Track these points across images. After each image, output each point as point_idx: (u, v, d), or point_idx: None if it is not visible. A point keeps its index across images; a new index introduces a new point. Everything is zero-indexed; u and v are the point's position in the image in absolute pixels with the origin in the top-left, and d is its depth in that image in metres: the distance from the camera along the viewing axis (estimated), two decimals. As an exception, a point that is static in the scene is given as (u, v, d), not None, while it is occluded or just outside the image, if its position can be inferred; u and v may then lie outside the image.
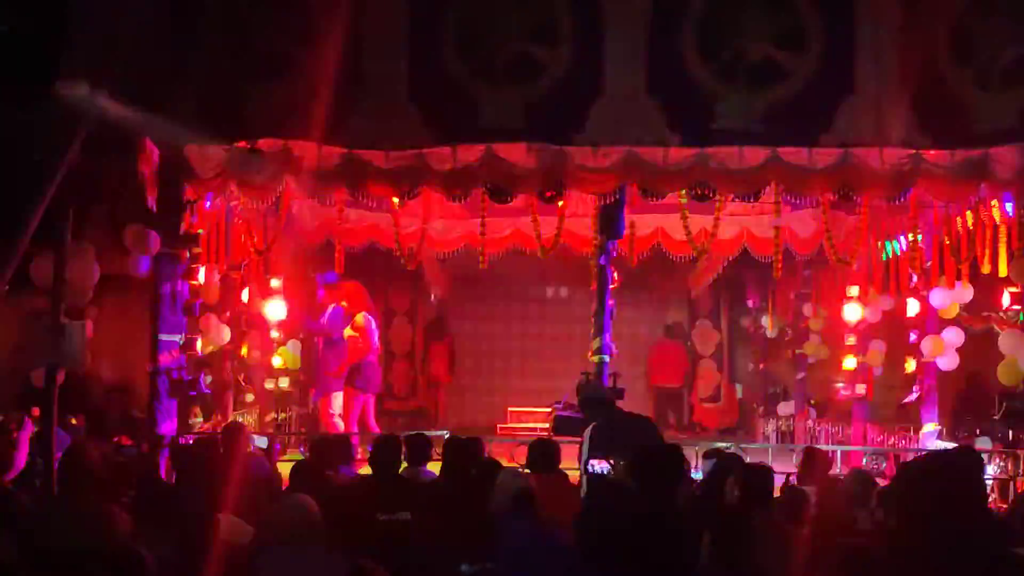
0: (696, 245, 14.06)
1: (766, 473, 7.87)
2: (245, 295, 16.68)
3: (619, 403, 11.60)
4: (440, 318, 23.67)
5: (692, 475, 10.00)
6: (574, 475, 9.87)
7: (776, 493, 8.47)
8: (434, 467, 9.97)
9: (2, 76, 10.47)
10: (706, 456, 9.98)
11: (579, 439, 12.68)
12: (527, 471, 9.38)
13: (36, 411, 11.34)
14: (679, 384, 23.11)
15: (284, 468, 11.47)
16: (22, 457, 10.73)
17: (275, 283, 17.45)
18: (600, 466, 11.55)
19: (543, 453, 9.66)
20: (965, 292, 14.68)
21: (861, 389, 17.52)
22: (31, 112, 10.24)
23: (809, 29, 11.69)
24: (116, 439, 13.26)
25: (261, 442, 14.56)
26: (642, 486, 7.28)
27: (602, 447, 9.82)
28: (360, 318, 17.80)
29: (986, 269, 13.14)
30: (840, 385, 18.14)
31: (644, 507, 6.87)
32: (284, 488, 9.17)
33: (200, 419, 15.13)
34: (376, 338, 17.95)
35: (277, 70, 11.79)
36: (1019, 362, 13.62)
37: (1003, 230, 12.92)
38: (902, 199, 12.83)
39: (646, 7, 11.74)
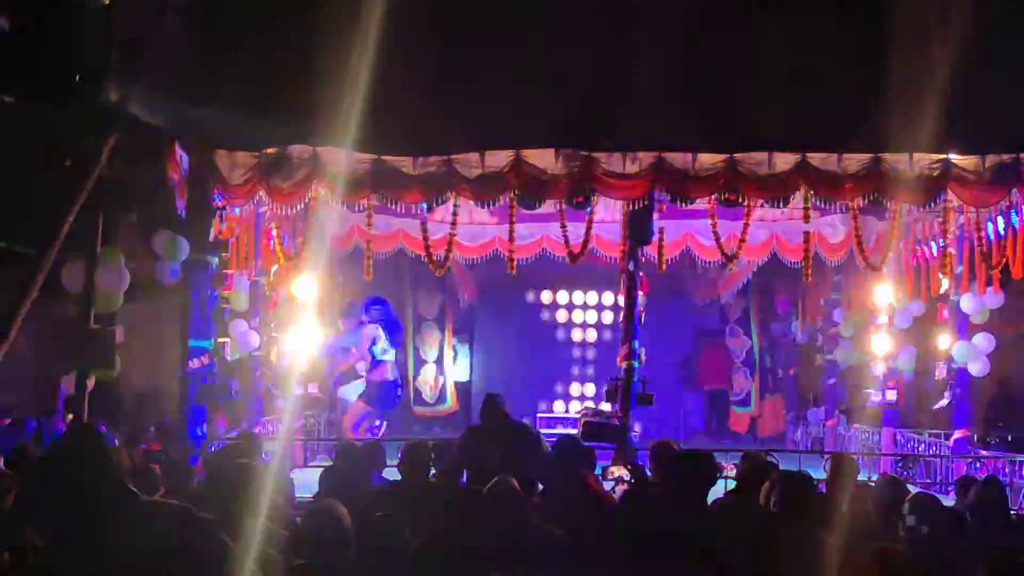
0: (725, 251, 14.01)
1: (805, 481, 7.80)
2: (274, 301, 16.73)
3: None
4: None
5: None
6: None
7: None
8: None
9: (31, 81, 10.49)
10: (742, 461, 9.93)
11: (607, 445, 12.77)
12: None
13: (70, 417, 11.40)
14: (723, 386, 23.10)
15: (312, 474, 11.47)
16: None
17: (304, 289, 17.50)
18: (620, 472, 11.58)
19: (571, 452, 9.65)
20: (996, 297, 14.60)
21: (892, 395, 17.41)
22: (62, 118, 10.29)
23: (838, 35, 11.64)
24: (145, 445, 13.30)
25: (271, 448, 14.60)
26: (673, 491, 7.27)
27: (464, 450, 10.27)
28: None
29: (1017, 274, 13.05)
30: (870, 391, 18.03)
31: (675, 511, 6.86)
32: (315, 495, 9.15)
33: (227, 425, 15.18)
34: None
35: (306, 76, 11.82)
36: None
37: (1034, 235, 12.87)
38: (932, 204, 12.80)
39: (676, 12, 11.70)
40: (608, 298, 22.86)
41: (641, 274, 14.17)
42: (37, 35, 9.64)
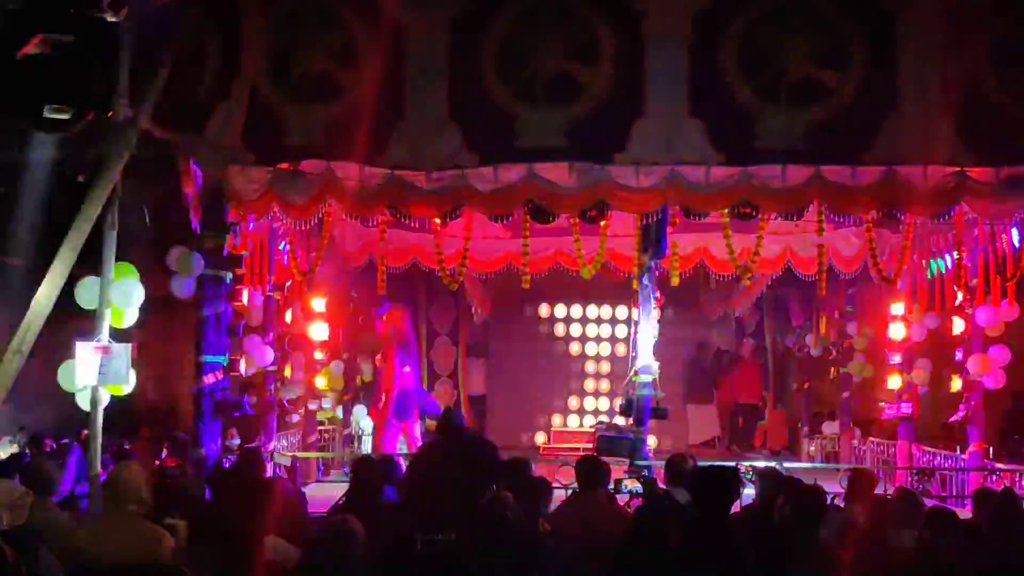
0: (739, 264, 13.99)
1: (817, 493, 7.80)
2: (288, 316, 16.75)
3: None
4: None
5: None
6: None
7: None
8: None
9: (45, 99, 10.54)
10: (758, 475, 9.92)
11: (621, 459, 12.77)
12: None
13: (83, 434, 11.41)
14: (756, 400, 23.08)
15: (327, 489, 11.48)
16: (68, 481, 10.77)
17: (318, 304, 17.53)
18: (632, 485, 11.55)
19: (589, 471, 9.60)
20: (1011, 310, 14.54)
21: (906, 408, 17.36)
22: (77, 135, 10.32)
23: (851, 47, 11.61)
24: (160, 461, 13.30)
25: (284, 460, 14.62)
26: (695, 505, 7.26)
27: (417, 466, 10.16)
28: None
29: (1033, 286, 13.03)
30: (885, 404, 17.97)
31: (697, 525, 6.86)
32: (329, 509, 9.16)
33: (238, 440, 15.20)
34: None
35: (319, 92, 11.83)
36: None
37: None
38: (947, 217, 12.77)
39: (687, 25, 11.68)
40: (622, 312, 22.87)
41: (655, 288, 14.16)
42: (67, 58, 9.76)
